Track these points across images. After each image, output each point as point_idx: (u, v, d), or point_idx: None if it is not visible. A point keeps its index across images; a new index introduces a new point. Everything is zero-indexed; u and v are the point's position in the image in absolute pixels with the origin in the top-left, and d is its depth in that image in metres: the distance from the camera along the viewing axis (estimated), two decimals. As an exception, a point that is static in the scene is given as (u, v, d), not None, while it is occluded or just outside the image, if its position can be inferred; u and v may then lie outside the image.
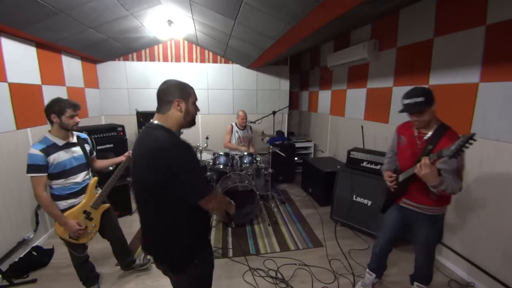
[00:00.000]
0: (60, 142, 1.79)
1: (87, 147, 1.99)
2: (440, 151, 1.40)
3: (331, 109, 4.56)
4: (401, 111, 1.60)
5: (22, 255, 2.48)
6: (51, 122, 1.77)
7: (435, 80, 2.46)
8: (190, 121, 1.25)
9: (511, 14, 1.83)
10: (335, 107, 4.41)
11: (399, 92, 2.93)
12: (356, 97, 3.77)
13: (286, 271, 2.37)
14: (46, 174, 1.71)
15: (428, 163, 1.44)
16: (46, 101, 2.99)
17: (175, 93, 1.18)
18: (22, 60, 2.70)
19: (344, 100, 4.09)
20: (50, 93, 3.11)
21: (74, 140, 1.90)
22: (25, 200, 2.64)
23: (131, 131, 4.50)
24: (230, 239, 2.90)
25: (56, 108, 1.74)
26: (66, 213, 1.79)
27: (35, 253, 2.52)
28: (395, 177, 1.80)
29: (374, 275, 2.08)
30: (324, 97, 4.79)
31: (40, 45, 2.94)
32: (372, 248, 2.10)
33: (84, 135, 2.02)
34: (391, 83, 3.04)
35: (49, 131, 1.80)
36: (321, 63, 4.77)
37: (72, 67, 3.66)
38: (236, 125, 3.99)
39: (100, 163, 2.09)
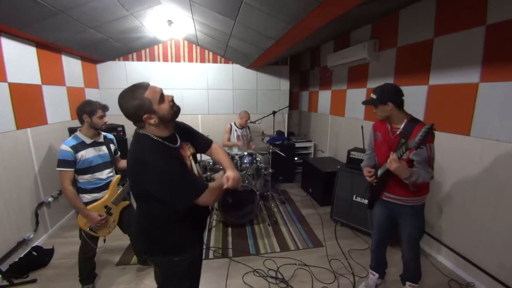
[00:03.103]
0: (88, 141, 1.93)
1: (112, 147, 2.12)
2: (406, 144, 1.47)
3: (331, 109, 4.55)
4: (364, 102, 1.86)
5: (22, 255, 2.48)
6: (82, 122, 1.91)
7: (435, 80, 2.46)
8: (173, 114, 1.19)
9: (511, 14, 1.83)
10: (335, 107, 4.41)
11: (399, 92, 2.93)
12: (356, 97, 3.77)
13: (286, 271, 2.37)
14: (73, 169, 1.85)
15: (395, 158, 1.51)
16: (46, 100, 3.04)
17: (139, 111, 1.08)
18: (22, 60, 2.69)
19: (344, 100, 4.09)
20: (50, 93, 3.11)
21: (101, 139, 2.04)
22: (25, 200, 2.64)
23: (131, 131, 4.37)
24: (230, 239, 2.90)
25: (87, 109, 1.87)
26: (89, 207, 1.91)
27: (35, 253, 2.52)
28: (373, 173, 1.87)
29: (377, 275, 2.10)
30: (324, 97, 4.78)
31: (40, 45, 2.94)
32: (370, 247, 2.17)
33: (110, 136, 2.14)
34: (391, 83, 3.03)
35: (79, 130, 1.94)
36: (321, 63, 4.76)
37: (72, 67, 3.65)
38: (235, 124, 4.00)
39: (123, 163, 2.18)
